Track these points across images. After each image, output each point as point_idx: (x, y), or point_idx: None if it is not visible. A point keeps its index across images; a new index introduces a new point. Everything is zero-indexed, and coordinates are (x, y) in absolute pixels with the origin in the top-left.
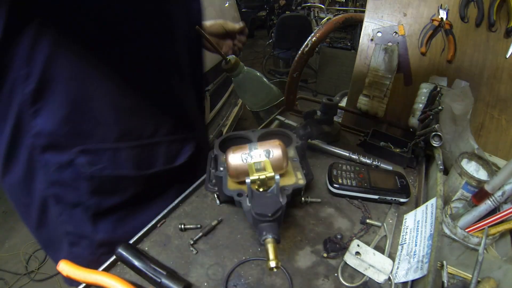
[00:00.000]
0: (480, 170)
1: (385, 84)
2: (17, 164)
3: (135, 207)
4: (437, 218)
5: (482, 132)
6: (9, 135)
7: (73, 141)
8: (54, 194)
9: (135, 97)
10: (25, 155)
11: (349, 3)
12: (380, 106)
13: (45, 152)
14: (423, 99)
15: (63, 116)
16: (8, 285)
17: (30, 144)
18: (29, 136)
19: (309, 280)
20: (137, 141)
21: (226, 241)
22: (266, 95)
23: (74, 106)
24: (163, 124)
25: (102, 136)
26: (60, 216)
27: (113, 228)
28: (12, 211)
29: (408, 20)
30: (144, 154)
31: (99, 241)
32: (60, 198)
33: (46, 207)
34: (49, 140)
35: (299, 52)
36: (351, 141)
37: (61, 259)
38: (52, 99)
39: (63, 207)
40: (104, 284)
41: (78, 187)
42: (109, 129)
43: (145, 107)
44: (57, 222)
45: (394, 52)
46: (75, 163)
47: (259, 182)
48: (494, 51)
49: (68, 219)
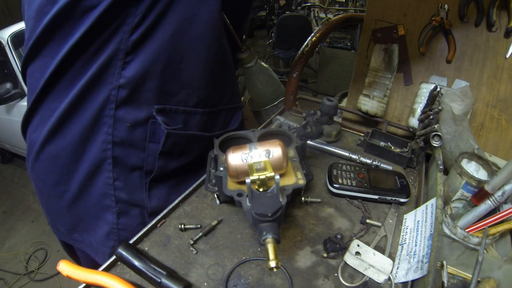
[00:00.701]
0: (480, 170)
1: (385, 84)
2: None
3: (190, 174)
4: (437, 218)
5: (482, 132)
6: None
7: (156, 98)
8: (116, 156)
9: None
10: (92, 111)
11: (349, 3)
12: (380, 106)
13: (121, 107)
14: (423, 99)
15: (154, 71)
16: (8, 285)
17: (105, 98)
18: (109, 89)
19: (309, 280)
20: (209, 108)
21: (226, 241)
22: (277, 89)
23: (167, 64)
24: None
25: (184, 98)
26: (115, 181)
27: (167, 194)
28: (12, 211)
29: (408, 20)
30: (210, 120)
31: (152, 209)
32: (121, 160)
33: (98, 173)
34: (131, 94)
35: (299, 52)
36: (351, 141)
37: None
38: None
39: (121, 171)
40: (104, 284)
41: (146, 148)
42: (193, 93)
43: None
44: (107, 189)
45: (394, 52)
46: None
47: (259, 182)
48: (494, 51)
49: (123, 185)
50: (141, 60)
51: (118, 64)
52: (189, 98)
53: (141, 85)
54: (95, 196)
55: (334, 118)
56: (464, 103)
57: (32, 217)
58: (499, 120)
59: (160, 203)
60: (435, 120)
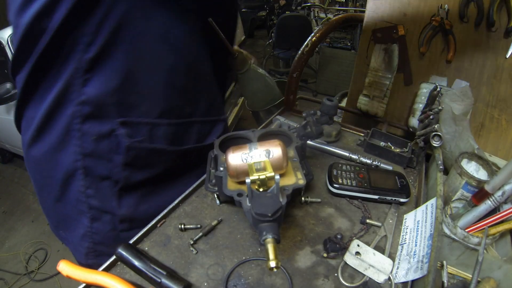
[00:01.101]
0: (480, 170)
1: (385, 84)
2: (51, 133)
3: (160, 184)
4: (437, 218)
5: (482, 132)
6: (50, 102)
7: (117, 111)
8: (85, 166)
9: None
10: (62, 124)
11: (349, 3)
12: (380, 106)
13: (86, 122)
14: (423, 99)
15: (113, 87)
16: (8, 285)
17: (71, 113)
18: (73, 105)
19: (309, 280)
20: (176, 119)
21: (226, 241)
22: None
23: (125, 77)
24: (200, 105)
25: (145, 110)
26: (86, 189)
27: (136, 203)
28: (12, 211)
29: (408, 20)
30: (180, 132)
31: (122, 217)
32: (90, 170)
33: (72, 181)
34: (93, 109)
35: (299, 52)
36: (351, 141)
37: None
38: (107, 69)
39: (92, 180)
40: (104, 284)
41: (112, 159)
42: (154, 104)
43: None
44: (80, 196)
45: (394, 52)
46: (116, 133)
47: (259, 182)
48: (494, 51)
49: (95, 192)
50: (99, 77)
51: (78, 82)
52: (151, 110)
53: (102, 101)
54: (71, 201)
55: (334, 118)
56: (464, 103)
57: (32, 217)
58: (499, 120)
59: (130, 211)
60: (435, 120)
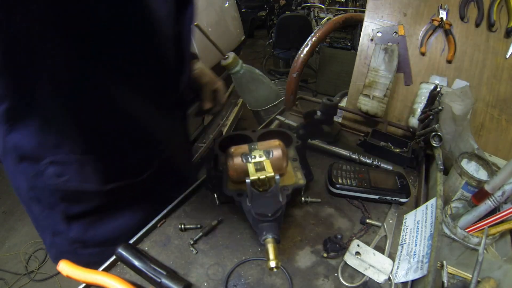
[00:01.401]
0: (480, 170)
1: (385, 84)
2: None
3: (103, 215)
4: (437, 218)
5: (482, 132)
6: None
7: (44, 153)
8: (34, 197)
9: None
10: (9, 161)
11: (349, 3)
12: (380, 106)
13: (22, 162)
14: (423, 99)
15: (34, 131)
16: (8, 285)
17: (9, 155)
18: (8, 148)
19: (309, 280)
20: (101, 155)
21: (226, 241)
22: (266, 94)
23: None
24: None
25: (69, 149)
26: (42, 212)
27: (84, 230)
28: (12, 211)
29: (408, 20)
30: (109, 168)
31: (72, 239)
32: (39, 199)
33: (31, 205)
34: (23, 152)
35: (299, 52)
36: (351, 141)
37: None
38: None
39: (44, 206)
40: (104, 284)
41: (50, 194)
42: (75, 143)
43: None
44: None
45: (394, 52)
46: (44, 174)
47: (259, 182)
48: (494, 51)
49: (47, 217)
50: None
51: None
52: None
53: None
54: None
55: (334, 118)
56: (464, 103)
57: None
58: (499, 120)
59: (79, 235)
60: (435, 120)
